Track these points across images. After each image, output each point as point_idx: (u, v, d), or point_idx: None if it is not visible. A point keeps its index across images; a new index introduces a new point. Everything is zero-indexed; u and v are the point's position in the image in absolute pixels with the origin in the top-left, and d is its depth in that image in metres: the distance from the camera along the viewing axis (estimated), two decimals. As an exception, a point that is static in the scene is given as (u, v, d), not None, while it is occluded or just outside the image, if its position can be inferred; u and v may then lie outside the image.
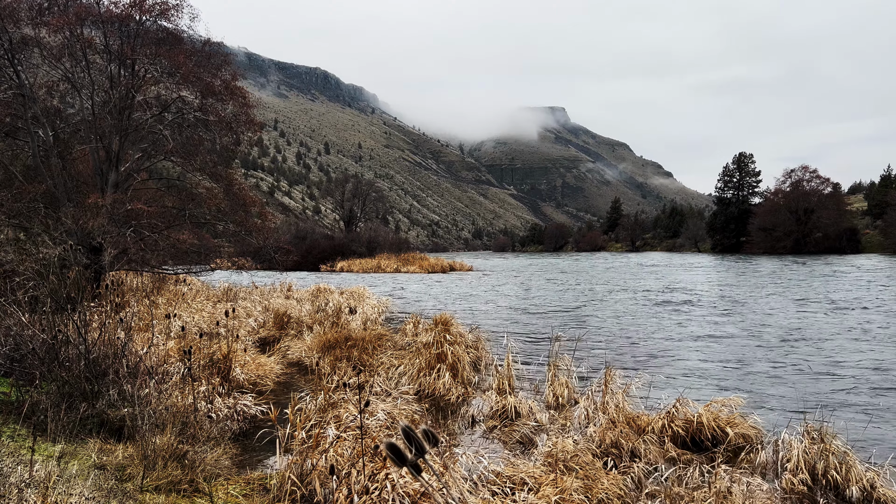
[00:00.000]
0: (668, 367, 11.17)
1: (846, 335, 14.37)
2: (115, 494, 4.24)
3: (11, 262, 10.36)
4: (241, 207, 19.02)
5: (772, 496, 5.21)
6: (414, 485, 4.70)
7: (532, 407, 7.93)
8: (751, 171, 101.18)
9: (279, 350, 12.13)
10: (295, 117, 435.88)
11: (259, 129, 20.78)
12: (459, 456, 5.60)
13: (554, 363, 9.06)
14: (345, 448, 5.37)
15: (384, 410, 6.73)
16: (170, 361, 8.48)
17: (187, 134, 18.25)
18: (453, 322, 11.37)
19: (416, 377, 9.55)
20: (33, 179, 15.99)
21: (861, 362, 11.30)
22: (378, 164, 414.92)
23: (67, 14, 16.70)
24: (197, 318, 13.71)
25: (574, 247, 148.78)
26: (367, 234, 73.60)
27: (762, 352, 12.54)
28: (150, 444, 5.10)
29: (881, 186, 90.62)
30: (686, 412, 7.11)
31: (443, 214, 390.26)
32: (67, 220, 13.57)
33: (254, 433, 7.05)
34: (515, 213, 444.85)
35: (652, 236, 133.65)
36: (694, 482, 5.45)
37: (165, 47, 17.41)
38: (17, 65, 15.87)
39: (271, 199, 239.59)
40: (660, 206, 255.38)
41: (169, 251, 17.04)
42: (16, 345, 6.82)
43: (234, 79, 19.06)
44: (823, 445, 5.74)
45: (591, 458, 5.79)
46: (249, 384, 9.17)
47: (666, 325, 16.54)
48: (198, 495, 4.76)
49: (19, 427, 5.41)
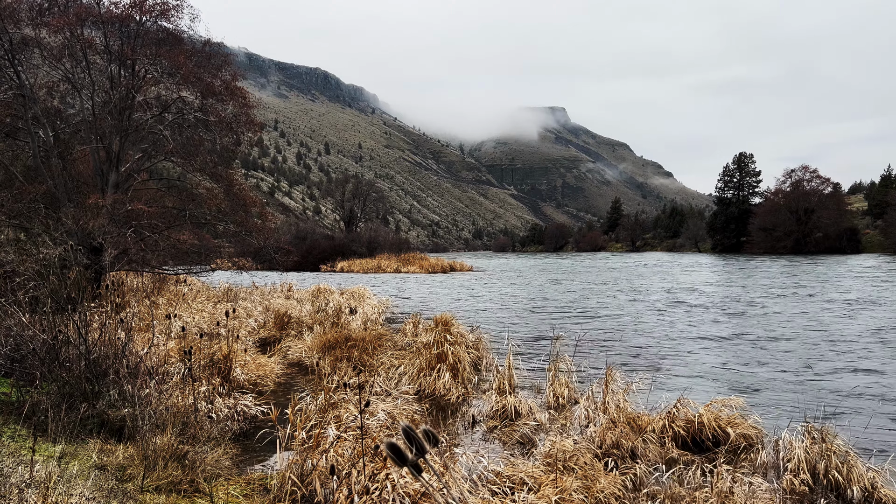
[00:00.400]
0: (670, 366, 11.17)
1: (849, 334, 14.36)
2: (116, 495, 4.24)
3: (12, 263, 10.36)
4: (242, 208, 19.02)
5: (773, 496, 5.20)
6: (414, 485, 4.70)
7: (532, 407, 7.93)
8: (751, 171, 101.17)
9: (279, 350, 12.13)
10: (295, 117, 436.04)
11: (259, 129, 20.79)
12: (460, 456, 5.60)
13: (554, 363, 9.06)
14: (345, 448, 5.37)
15: (384, 410, 6.73)
16: (170, 362, 8.48)
17: (187, 134, 18.26)
18: (454, 322, 11.36)
19: (416, 377, 9.55)
20: (34, 180, 15.99)
21: (865, 362, 11.29)
22: (378, 165, 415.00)
23: (68, 14, 16.71)
24: (197, 319, 13.71)
25: (574, 247, 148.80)
26: (368, 235, 73.65)
27: (763, 352, 12.53)
28: (150, 444, 5.10)
29: (881, 186, 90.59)
30: (686, 412, 7.11)
31: (443, 214, 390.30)
32: (68, 221, 13.57)
33: (254, 433, 7.04)
34: (516, 214, 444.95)
35: (652, 236, 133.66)
36: (695, 482, 5.45)
37: (166, 48, 17.42)
38: (18, 65, 15.87)
39: (271, 200, 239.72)
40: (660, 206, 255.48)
41: (169, 251, 17.04)
42: (16, 345, 6.82)
43: (235, 79, 19.07)
44: (825, 445, 5.73)
45: (591, 459, 5.78)
46: (250, 384, 9.17)
47: (667, 325, 16.53)
48: (198, 495, 4.76)
49: (20, 427, 5.41)
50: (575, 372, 9.30)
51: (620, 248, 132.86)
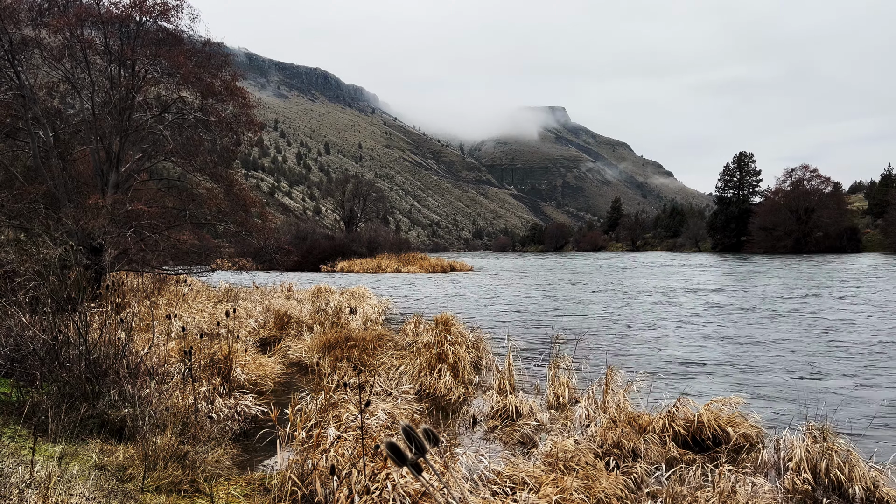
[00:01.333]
0: (670, 366, 11.16)
1: (852, 334, 14.35)
2: (116, 495, 4.23)
3: (12, 263, 10.36)
4: (242, 208, 19.02)
5: (774, 496, 5.20)
6: (415, 484, 4.70)
7: (533, 407, 7.92)
8: (751, 171, 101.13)
9: (280, 350, 12.12)
10: (295, 118, 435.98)
11: (259, 129, 20.78)
12: (460, 455, 5.60)
13: (555, 363, 9.05)
14: (345, 448, 5.36)
15: (385, 410, 6.72)
16: (170, 362, 8.47)
17: (187, 134, 18.26)
18: (454, 322, 11.36)
19: (416, 377, 9.54)
20: (34, 180, 15.99)
21: (868, 361, 11.28)
22: (378, 165, 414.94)
23: (67, 15, 16.71)
24: (197, 319, 13.71)
25: (574, 246, 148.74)
26: (368, 235, 73.62)
27: (765, 351, 12.52)
28: (150, 444, 5.10)
29: (881, 185, 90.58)
30: (687, 412, 7.10)
31: (443, 214, 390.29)
32: (68, 221, 13.57)
33: (254, 433, 7.04)
34: (516, 213, 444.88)
35: (652, 236, 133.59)
36: (696, 482, 5.44)
37: (165, 48, 17.42)
38: (18, 66, 15.88)
39: (272, 200, 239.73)
40: (660, 205, 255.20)
41: (169, 252, 17.04)
42: (16, 345, 6.81)
43: (235, 79, 19.06)
44: (826, 444, 5.72)
45: (592, 458, 5.78)
46: (250, 384, 9.16)
47: (667, 325, 16.52)
48: (198, 496, 4.76)
49: (20, 428, 5.40)
50: (575, 371, 9.29)
51: (621, 247, 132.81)
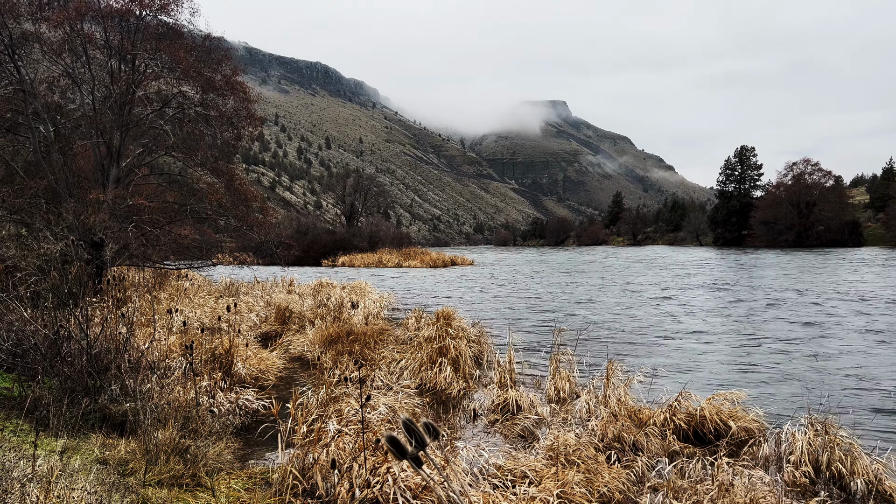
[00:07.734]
0: (671, 360, 11.16)
1: (856, 328, 14.34)
2: (118, 489, 4.24)
3: (13, 258, 10.36)
4: (243, 202, 18.99)
5: (774, 489, 5.20)
6: (415, 478, 4.70)
7: (533, 400, 7.93)
8: (752, 165, 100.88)
9: (281, 345, 12.14)
10: (296, 112, 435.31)
11: (260, 123, 20.74)
12: (461, 449, 5.60)
13: (556, 357, 9.05)
14: (346, 442, 5.37)
15: (386, 404, 6.73)
16: (172, 356, 8.49)
17: (188, 129, 18.21)
18: (455, 316, 11.35)
19: (417, 371, 9.55)
20: (34, 175, 15.97)
21: (871, 355, 11.28)
22: (379, 159, 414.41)
23: (67, 9, 16.65)
24: (199, 313, 13.71)
25: (576, 241, 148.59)
26: (369, 229, 73.59)
27: (767, 346, 12.52)
28: (152, 438, 5.11)
29: (883, 179, 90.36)
30: (688, 406, 7.10)
31: (444, 209, 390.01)
32: (69, 216, 13.57)
33: (256, 427, 7.05)
34: (517, 208, 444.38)
35: (653, 230, 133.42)
36: (696, 475, 5.45)
37: (166, 42, 17.35)
38: (18, 60, 15.84)
39: (272, 194, 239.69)
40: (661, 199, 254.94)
41: (170, 246, 17.03)
42: (18, 340, 6.82)
43: (235, 73, 19.00)
44: (828, 437, 5.72)
45: (592, 452, 5.78)
46: (251, 379, 9.18)
47: (668, 319, 16.52)
48: (200, 490, 4.77)
49: (22, 422, 5.41)
50: (576, 365, 9.29)
51: (622, 241, 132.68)
